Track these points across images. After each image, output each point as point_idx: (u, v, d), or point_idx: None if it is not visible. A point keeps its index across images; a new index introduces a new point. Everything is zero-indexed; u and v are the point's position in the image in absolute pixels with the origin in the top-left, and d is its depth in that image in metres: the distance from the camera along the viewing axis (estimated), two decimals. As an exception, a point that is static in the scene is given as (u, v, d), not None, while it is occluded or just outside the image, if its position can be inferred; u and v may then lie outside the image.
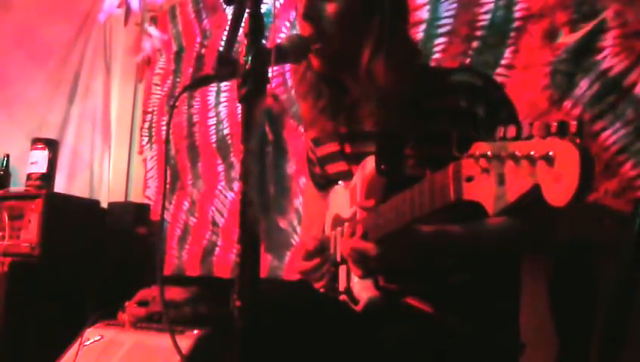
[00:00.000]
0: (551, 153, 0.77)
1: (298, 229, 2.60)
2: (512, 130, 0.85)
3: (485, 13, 2.12)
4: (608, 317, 1.54)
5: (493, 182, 0.88)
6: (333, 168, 1.63)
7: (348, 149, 1.57)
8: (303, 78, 1.53)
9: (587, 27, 1.84)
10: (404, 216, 1.18)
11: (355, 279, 1.42)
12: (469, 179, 0.95)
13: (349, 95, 1.52)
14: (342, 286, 1.47)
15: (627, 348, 1.50)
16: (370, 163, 1.43)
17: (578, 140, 0.76)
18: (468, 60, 2.13)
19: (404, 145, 1.43)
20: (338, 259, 1.48)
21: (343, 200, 1.55)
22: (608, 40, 1.79)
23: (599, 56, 1.80)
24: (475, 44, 2.13)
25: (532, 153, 0.80)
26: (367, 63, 1.40)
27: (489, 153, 0.88)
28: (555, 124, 0.79)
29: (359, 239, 1.32)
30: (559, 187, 0.77)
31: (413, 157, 1.42)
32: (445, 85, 1.42)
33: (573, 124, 0.78)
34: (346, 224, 1.44)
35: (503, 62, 2.03)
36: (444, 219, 1.33)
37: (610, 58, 1.78)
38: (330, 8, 1.41)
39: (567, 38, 1.88)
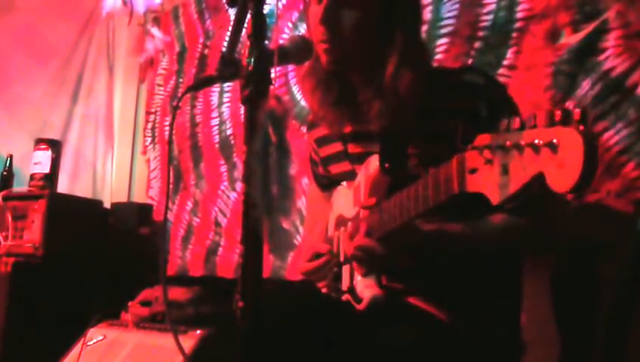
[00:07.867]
0: (555, 140, 0.78)
1: (300, 229, 2.61)
2: (515, 122, 0.86)
3: (487, 13, 2.12)
4: (611, 317, 1.54)
5: (496, 173, 0.88)
6: (336, 168, 1.63)
7: (351, 149, 1.56)
8: (311, 73, 1.52)
9: (589, 28, 1.84)
10: (408, 212, 1.19)
11: (358, 278, 1.42)
12: (473, 171, 0.96)
13: (357, 95, 1.51)
14: (345, 285, 1.48)
15: (629, 348, 1.50)
16: (373, 162, 1.43)
17: (582, 127, 0.77)
18: (470, 61, 2.13)
19: (407, 144, 1.43)
20: (342, 258, 1.49)
21: (346, 200, 1.55)
22: (610, 40, 1.79)
23: (601, 57, 1.80)
24: (477, 44, 2.13)
25: (536, 141, 0.81)
26: (392, 74, 1.39)
27: (493, 144, 0.89)
28: (559, 112, 0.80)
29: (363, 237, 1.33)
30: (563, 173, 0.77)
31: (417, 156, 1.42)
32: (448, 85, 1.42)
33: (577, 111, 0.79)
34: (349, 223, 1.44)
35: (505, 62, 2.03)
36: (448, 219, 1.34)
37: (612, 58, 1.78)
38: (351, 16, 1.41)
39: (570, 39, 1.88)
